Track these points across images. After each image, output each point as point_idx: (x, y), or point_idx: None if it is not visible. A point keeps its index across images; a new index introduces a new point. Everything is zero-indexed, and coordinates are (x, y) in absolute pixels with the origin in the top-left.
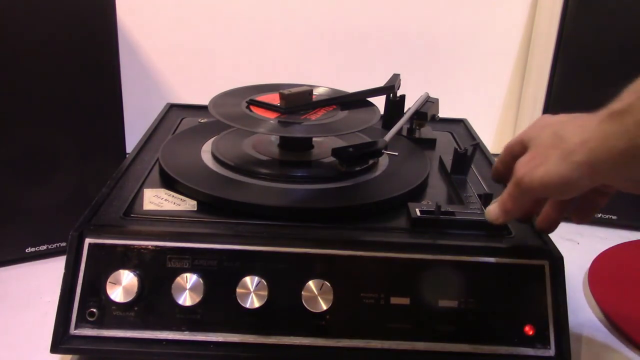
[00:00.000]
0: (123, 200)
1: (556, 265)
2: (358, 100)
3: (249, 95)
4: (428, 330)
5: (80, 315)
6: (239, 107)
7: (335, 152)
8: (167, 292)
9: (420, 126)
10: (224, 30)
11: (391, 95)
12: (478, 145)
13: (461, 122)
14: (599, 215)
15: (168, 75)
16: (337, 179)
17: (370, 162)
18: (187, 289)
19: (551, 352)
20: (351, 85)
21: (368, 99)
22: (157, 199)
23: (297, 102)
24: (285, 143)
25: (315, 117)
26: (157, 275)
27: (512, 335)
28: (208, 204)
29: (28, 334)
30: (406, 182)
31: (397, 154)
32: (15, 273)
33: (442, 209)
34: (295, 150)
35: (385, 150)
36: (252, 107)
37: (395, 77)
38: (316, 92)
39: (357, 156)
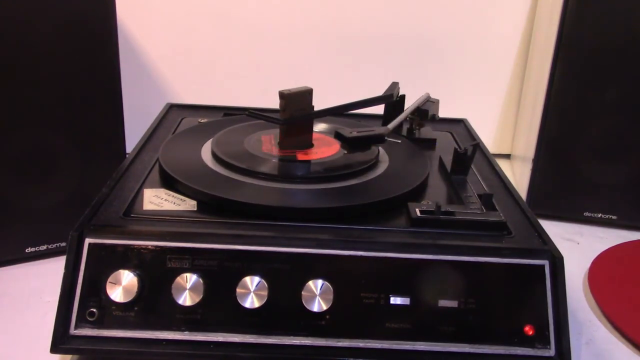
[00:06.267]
0: (123, 200)
1: (556, 265)
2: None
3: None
4: (428, 330)
5: (80, 315)
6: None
7: (339, 134)
8: (167, 292)
9: (420, 126)
10: (224, 30)
11: None
12: (478, 145)
13: (461, 122)
14: (599, 215)
15: (168, 75)
16: (337, 179)
17: (372, 148)
18: (187, 289)
19: (551, 352)
20: (351, 84)
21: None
22: (157, 199)
23: (297, 103)
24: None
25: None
26: (157, 275)
27: (512, 335)
28: (208, 204)
29: (28, 334)
30: (406, 182)
31: (399, 141)
32: (15, 273)
33: (442, 209)
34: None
35: (388, 137)
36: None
37: (394, 86)
38: (317, 128)
39: (360, 139)
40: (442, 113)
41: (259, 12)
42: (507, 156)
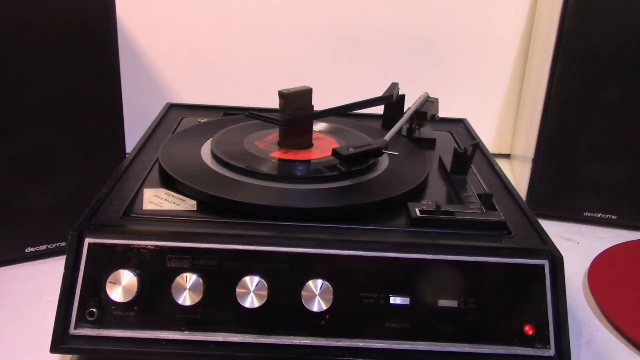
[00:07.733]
0: (123, 200)
1: (556, 265)
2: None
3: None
4: (428, 330)
5: (80, 315)
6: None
7: (336, 152)
8: (167, 292)
9: (420, 126)
10: (224, 30)
11: None
12: (478, 145)
13: (461, 122)
14: (599, 215)
15: (168, 75)
16: (337, 179)
17: (371, 162)
18: (187, 289)
19: (551, 352)
20: (351, 84)
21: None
22: (157, 199)
23: (297, 103)
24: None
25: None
26: (157, 275)
27: (512, 335)
28: (208, 204)
29: (28, 334)
30: (406, 182)
31: (397, 154)
32: (15, 273)
33: (442, 209)
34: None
35: (386, 150)
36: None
37: (394, 87)
38: (317, 128)
39: (358, 156)
40: (442, 113)
41: (259, 12)
42: (507, 156)
